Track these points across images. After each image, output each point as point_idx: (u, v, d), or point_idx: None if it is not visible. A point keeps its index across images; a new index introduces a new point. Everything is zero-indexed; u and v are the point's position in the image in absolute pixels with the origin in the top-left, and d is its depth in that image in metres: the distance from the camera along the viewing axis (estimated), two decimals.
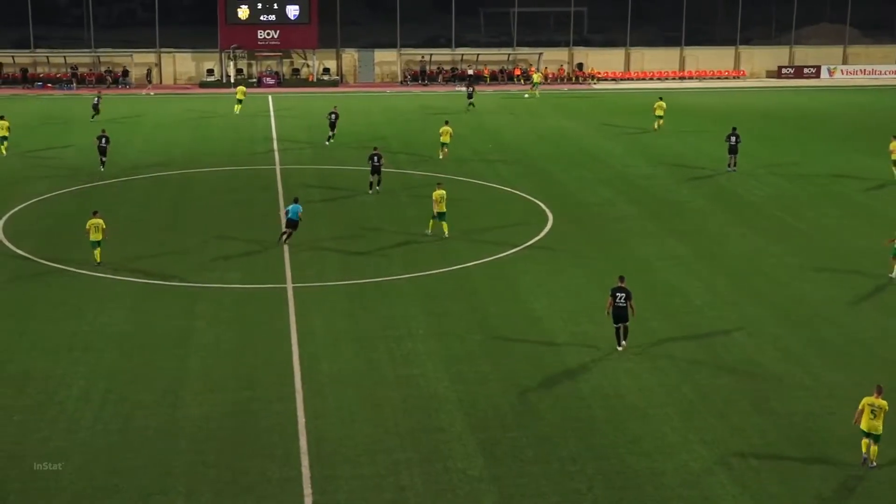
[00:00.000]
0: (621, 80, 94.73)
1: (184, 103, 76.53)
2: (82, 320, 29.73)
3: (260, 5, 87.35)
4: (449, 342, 28.24)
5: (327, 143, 58.19)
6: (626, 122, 67.63)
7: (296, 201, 37.98)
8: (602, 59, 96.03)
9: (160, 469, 21.25)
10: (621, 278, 28.41)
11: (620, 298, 27.65)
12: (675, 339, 28.65)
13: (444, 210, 38.34)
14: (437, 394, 24.97)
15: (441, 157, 53.77)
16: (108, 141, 51.06)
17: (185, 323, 29.62)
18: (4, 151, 54.06)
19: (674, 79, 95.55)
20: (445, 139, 53.76)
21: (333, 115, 59.19)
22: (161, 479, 20.87)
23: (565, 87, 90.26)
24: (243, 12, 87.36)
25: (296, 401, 24.46)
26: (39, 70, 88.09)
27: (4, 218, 41.08)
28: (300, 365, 26.56)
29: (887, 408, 21.43)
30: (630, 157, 55.24)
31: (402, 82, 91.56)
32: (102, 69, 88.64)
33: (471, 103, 72.44)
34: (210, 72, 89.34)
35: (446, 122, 55.11)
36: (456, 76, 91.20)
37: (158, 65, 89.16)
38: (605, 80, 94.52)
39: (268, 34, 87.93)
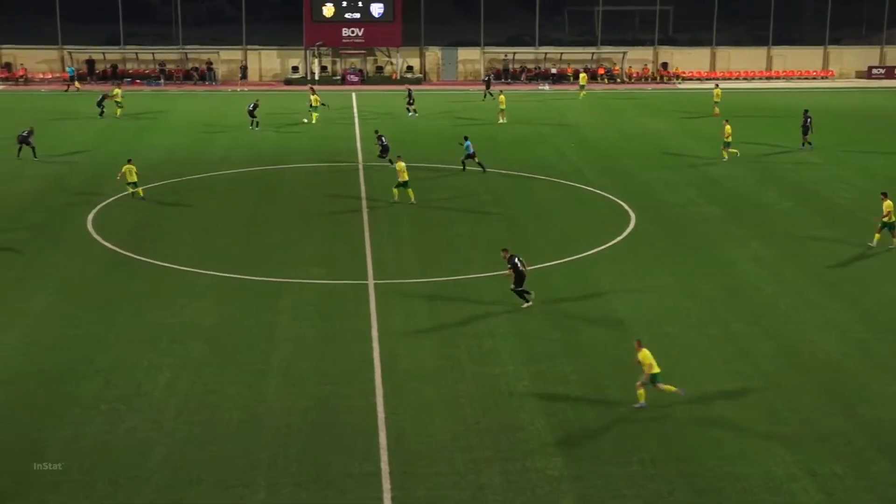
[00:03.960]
0: (707, 79, 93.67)
1: (270, 100, 77.34)
2: (169, 313, 30.23)
3: (345, 3, 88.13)
4: (529, 341, 28.18)
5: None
6: (711, 122, 66.80)
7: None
8: (687, 59, 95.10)
9: (243, 461, 21.54)
10: (506, 249, 31.11)
11: (522, 263, 30.55)
12: (758, 342, 28.24)
13: (407, 179, 43.00)
14: (516, 392, 24.94)
15: (500, 120, 65.48)
16: (255, 107, 63.09)
17: (268, 317, 29.96)
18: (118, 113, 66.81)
19: (761, 79, 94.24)
20: (502, 106, 66.23)
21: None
22: (243, 471, 21.16)
23: (649, 87, 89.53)
24: (328, 10, 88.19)
25: (376, 397, 24.61)
26: (129, 66, 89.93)
27: (94, 212, 41.96)
28: (380, 361, 26.72)
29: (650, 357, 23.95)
30: (714, 158, 54.52)
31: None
32: (189, 66, 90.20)
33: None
34: (295, 69, 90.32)
35: (501, 92, 69.65)
36: (539, 75, 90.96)
37: (244, 62, 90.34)
38: (690, 79, 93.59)
39: (352, 32, 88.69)
